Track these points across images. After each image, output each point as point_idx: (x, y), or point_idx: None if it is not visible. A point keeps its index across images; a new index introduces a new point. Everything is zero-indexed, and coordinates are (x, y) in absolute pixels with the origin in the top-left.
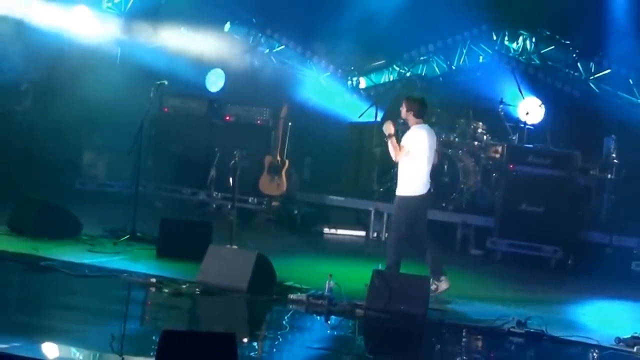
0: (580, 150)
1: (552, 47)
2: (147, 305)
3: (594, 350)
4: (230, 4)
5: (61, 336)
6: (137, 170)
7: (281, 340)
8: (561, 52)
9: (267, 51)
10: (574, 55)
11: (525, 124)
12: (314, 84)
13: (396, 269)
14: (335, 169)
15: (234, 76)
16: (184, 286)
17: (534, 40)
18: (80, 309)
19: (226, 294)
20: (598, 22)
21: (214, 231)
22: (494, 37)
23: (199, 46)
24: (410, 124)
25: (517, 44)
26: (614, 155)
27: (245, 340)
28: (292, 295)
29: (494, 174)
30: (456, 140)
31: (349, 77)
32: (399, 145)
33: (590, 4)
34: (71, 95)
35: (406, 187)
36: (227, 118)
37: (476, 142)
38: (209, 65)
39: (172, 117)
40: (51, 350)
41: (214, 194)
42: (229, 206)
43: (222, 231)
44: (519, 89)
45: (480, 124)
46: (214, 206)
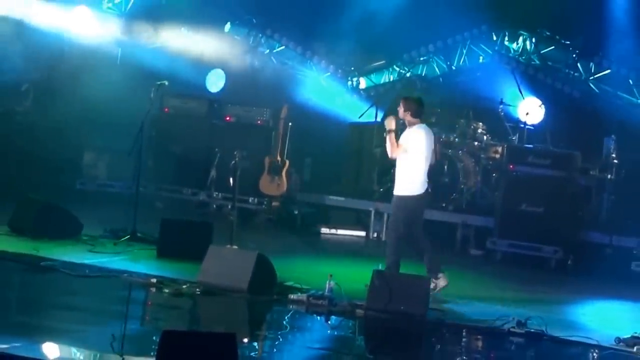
0: (580, 150)
1: (552, 47)
2: (147, 305)
3: (594, 350)
4: (230, 4)
5: (62, 336)
6: (138, 171)
7: (281, 340)
8: (561, 52)
9: (268, 51)
10: (574, 56)
11: (525, 124)
12: (314, 84)
13: (396, 269)
14: (336, 169)
15: (234, 76)
16: (184, 286)
17: (534, 40)
18: (81, 309)
19: (226, 294)
20: (598, 23)
21: (215, 231)
22: (494, 37)
23: (199, 46)
24: (408, 123)
25: (517, 44)
26: (613, 155)
27: (246, 340)
28: (292, 296)
29: (494, 174)
30: (456, 140)
31: (349, 78)
32: (397, 143)
33: (590, 4)
34: (71, 95)
35: (404, 186)
36: (228, 118)
37: (476, 143)
38: (210, 66)
39: (172, 118)
40: (52, 351)
41: (215, 194)
42: (229, 206)
43: (222, 231)
44: (519, 89)
45: (480, 124)
46: (214, 206)
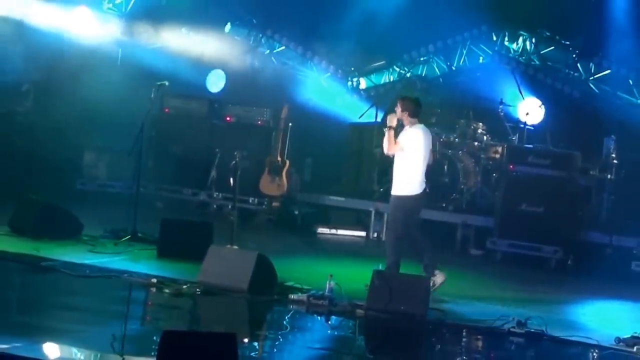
0: (580, 150)
1: (552, 47)
2: (147, 305)
3: (594, 350)
4: (230, 4)
5: (62, 336)
6: (138, 171)
7: (282, 340)
8: (561, 52)
9: (268, 52)
10: (574, 56)
11: (525, 124)
12: (314, 84)
13: (396, 269)
14: (336, 169)
15: (234, 77)
16: (184, 286)
17: (533, 40)
18: (81, 309)
19: (227, 294)
20: (598, 23)
21: (215, 231)
22: (494, 37)
23: (199, 47)
24: (405, 123)
25: (517, 44)
26: (613, 155)
27: (246, 340)
28: (292, 296)
29: (494, 174)
30: (456, 140)
31: (349, 78)
32: (395, 140)
33: (590, 4)
34: (72, 95)
35: (402, 186)
36: (228, 118)
37: (476, 143)
38: (210, 66)
39: (172, 118)
40: (52, 351)
41: (215, 194)
42: (229, 206)
43: (222, 231)
44: (519, 89)
45: (480, 124)
46: (214, 206)
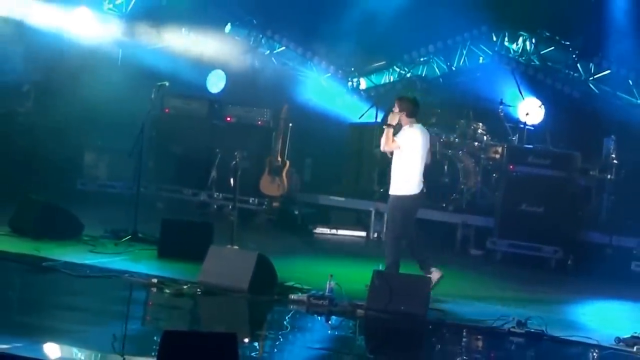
0: (580, 150)
1: (551, 48)
2: (148, 305)
3: (594, 350)
4: (230, 5)
5: (63, 336)
6: (139, 171)
7: (282, 340)
8: (561, 53)
9: (268, 52)
10: (574, 56)
11: (525, 124)
12: (314, 85)
13: (396, 269)
14: (336, 169)
15: (234, 77)
16: (185, 286)
17: (533, 41)
18: (82, 309)
19: (227, 294)
20: (598, 23)
21: (215, 232)
22: (494, 38)
23: (199, 47)
24: (403, 123)
25: (517, 44)
26: (613, 155)
27: (247, 340)
28: (293, 296)
29: (494, 175)
30: (456, 141)
31: (350, 78)
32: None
33: (590, 4)
34: (72, 96)
35: (400, 186)
36: (228, 119)
37: (476, 143)
38: (210, 67)
39: (173, 118)
40: (53, 351)
41: (215, 194)
42: (229, 207)
43: (223, 232)
44: (519, 89)
45: (481, 124)
46: (214, 207)
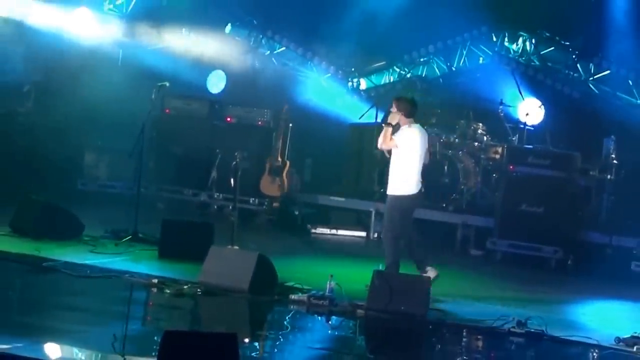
0: (580, 151)
1: (551, 48)
2: (148, 305)
3: (594, 350)
4: (231, 5)
5: (63, 336)
6: (139, 171)
7: (282, 340)
8: (561, 53)
9: (268, 53)
10: (574, 57)
11: (525, 124)
12: (314, 85)
13: (396, 269)
14: (336, 170)
15: (235, 77)
16: (185, 287)
17: (533, 41)
18: (82, 309)
19: (228, 294)
20: (597, 24)
21: (216, 232)
22: (494, 38)
23: (200, 48)
24: (401, 123)
25: (516, 45)
26: (613, 155)
27: (247, 340)
28: (293, 296)
29: (494, 175)
30: (456, 141)
31: (350, 79)
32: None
33: (589, 5)
34: (73, 96)
35: (399, 186)
36: (228, 119)
37: (476, 143)
38: (210, 67)
39: (173, 119)
40: (53, 351)
41: (216, 195)
42: (230, 207)
43: (223, 232)
44: (519, 90)
45: (480, 125)
46: (215, 207)
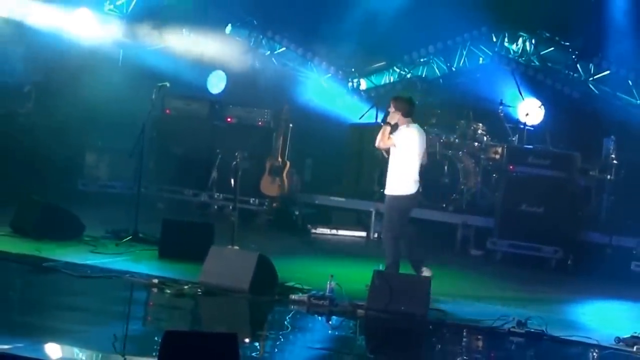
0: (580, 151)
1: (551, 48)
2: (149, 305)
3: (594, 350)
4: (231, 6)
5: (64, 337)
6: (139, 172)
7: (283, 340)
8: (561, 53)
9: (268, 53)
10: (574, 57)
11: (525, 125)
12: (314, 85)
13: (396, 269)
14: (336, 170)
15: (235, 78)
16: (186, 287)
17: (533, 41)
18: (83, 309)
19: (228, 294)
20: (597, 24)
21: (216, 232)
22: (494, 38)
23: (200, 48)
24: (400, 123)
25: (516, 45)
26: (613, 156)
27: (247, 340)
28: (293, 296)
29: (494, 175)
30: (456, 141)
31: (350, 79)
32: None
33: (589, 5)
34: (73, 96)
35: (397, 186)
36: (229, 119)
37: (476, 143)
38: (211, 67)
39: (174, 119)
40: (54, 351)
41: (216, 195)
42: (230, 207)
43: (223, 232)
44: (519, 90)
45: (480, 125)
46: (215, 207)
